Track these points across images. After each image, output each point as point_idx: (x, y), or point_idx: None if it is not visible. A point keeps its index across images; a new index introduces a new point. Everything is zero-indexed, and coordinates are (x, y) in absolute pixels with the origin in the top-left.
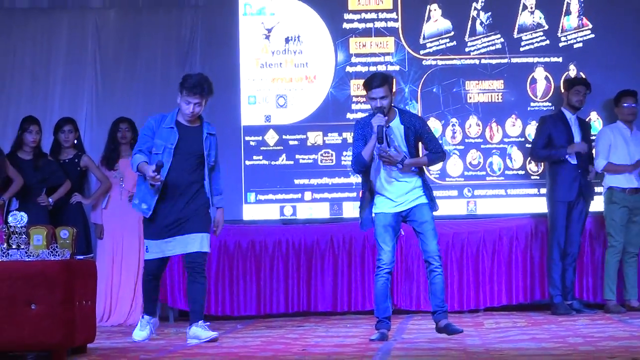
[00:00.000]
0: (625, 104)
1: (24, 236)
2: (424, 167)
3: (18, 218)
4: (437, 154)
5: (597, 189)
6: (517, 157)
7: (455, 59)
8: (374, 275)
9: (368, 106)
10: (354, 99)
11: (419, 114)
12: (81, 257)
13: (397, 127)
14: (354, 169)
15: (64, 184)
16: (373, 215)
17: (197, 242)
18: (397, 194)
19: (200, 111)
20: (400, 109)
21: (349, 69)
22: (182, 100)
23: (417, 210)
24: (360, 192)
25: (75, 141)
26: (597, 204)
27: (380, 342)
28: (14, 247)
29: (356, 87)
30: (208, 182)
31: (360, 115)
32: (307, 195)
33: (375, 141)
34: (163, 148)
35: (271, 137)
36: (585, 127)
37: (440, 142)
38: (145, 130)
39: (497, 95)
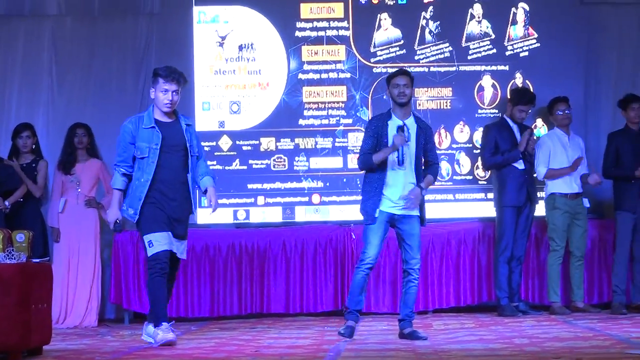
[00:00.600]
0: (559, 111)
1: None
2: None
3: None
4: (435, 165)
5: (540, 194)
6: (465, 163)
7: (404, 66)
8: (355, 268)
9: (319, 112)
10: (306, 106)
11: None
12: (37, 260)
13: (412, 124)
14: (360, 167)
15: (20, 187)
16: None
17: (184, 250)
18: (398, 196)
19: (178, 101)
20: (414, 113)
21: (301, 76)
22: (159, 90)
23: (409, 221)
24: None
25: (34, 146)
26: (540, 208)
27: (348, 337)
28: None
29: (308, 94)
30: (191, 176)
31: (312, 121)
32: (260, 199)
33: (389, 153)
34: (148, 150)
35: (225, 143)
36: (530, 132)
37: None
38: (124, 137)
39: (446, 102)
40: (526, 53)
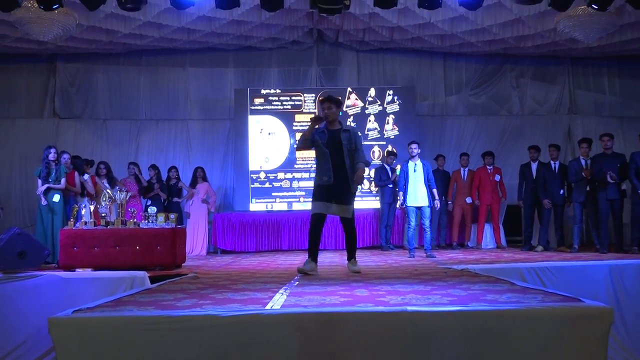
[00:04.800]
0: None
1: (154, 217)
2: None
3: (152, 210)
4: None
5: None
6: (366, 184)
7: None
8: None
9: (304, 162)
10: (297, 159)
11: None
12: (180, 226)
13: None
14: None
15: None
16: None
17: (349, 212)
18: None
19: (331, 113)
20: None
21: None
22: (320, 109)
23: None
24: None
25: (177, 176)
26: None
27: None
28: (150, 222)
29: (299, 154)
30: (349, 164)
31: (301, 166)
32: (278, 200)
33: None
34: (320, 142)
35: (262, 175)
36: (394, 171)
37: None
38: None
39: None
40: (393, 136)
